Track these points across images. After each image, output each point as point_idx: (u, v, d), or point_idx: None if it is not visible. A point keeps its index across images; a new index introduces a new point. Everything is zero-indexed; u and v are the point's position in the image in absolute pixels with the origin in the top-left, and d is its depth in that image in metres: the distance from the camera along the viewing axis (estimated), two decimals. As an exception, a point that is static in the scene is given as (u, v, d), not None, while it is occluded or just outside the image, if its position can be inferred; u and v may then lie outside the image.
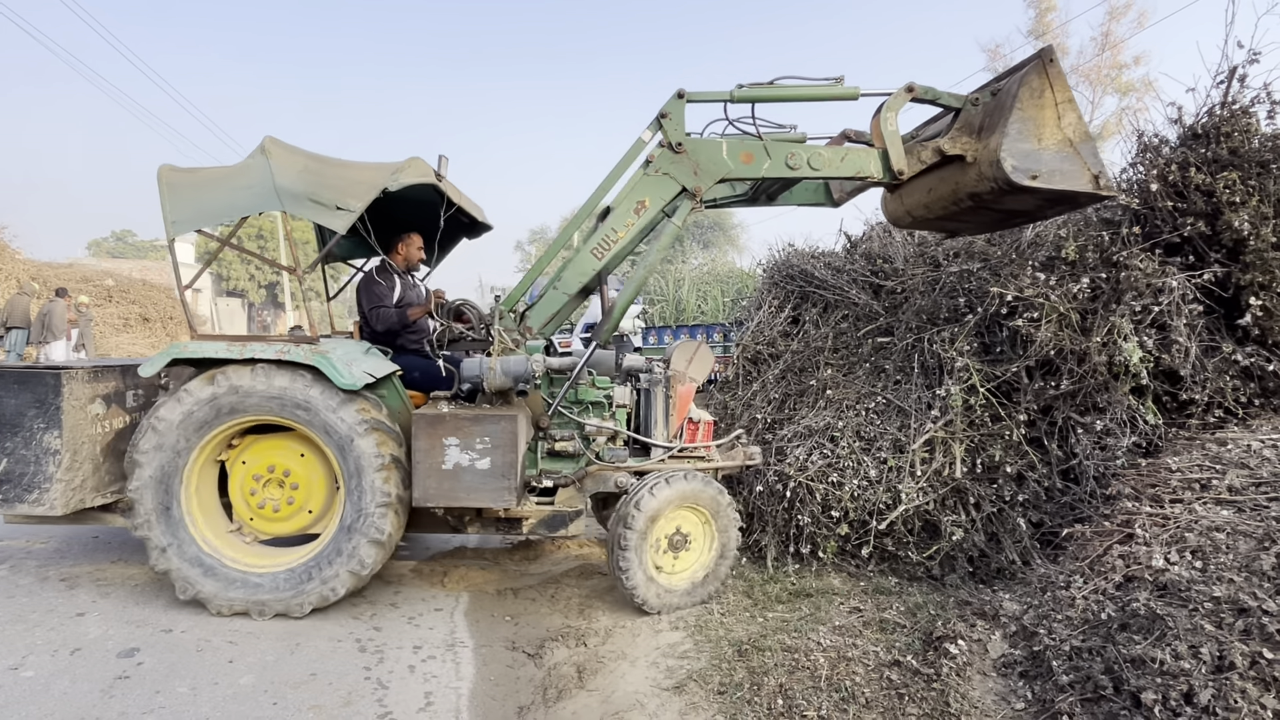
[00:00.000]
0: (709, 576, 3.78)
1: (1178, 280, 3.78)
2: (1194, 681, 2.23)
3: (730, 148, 3.77)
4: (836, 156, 3.72)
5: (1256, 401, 3.80)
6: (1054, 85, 3.39)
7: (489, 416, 3.58)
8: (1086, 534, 3.27)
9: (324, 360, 3.52)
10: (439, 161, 3.99)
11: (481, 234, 5.23)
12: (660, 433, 4.02)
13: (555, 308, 4.05)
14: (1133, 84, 25.44)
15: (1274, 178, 3.73)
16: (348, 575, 3.59)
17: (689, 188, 3.78)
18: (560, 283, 4.03)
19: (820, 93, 3.79)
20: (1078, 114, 3.40)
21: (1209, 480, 3.17)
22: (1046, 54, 3.40)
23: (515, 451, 3.55)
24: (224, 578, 3.58)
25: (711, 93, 3.80)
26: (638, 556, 3.60)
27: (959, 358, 4.27)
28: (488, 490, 3.56)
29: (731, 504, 3.79)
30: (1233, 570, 2.54)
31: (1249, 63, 3.90)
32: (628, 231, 3.85)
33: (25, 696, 2.80)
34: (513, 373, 3.77)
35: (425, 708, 2.87)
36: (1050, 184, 3.36)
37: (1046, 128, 3.38)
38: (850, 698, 2.73)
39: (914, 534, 4.11)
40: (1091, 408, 3.92)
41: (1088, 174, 3.38)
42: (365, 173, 3.76)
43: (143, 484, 3.54)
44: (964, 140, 3.57)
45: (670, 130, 3.75)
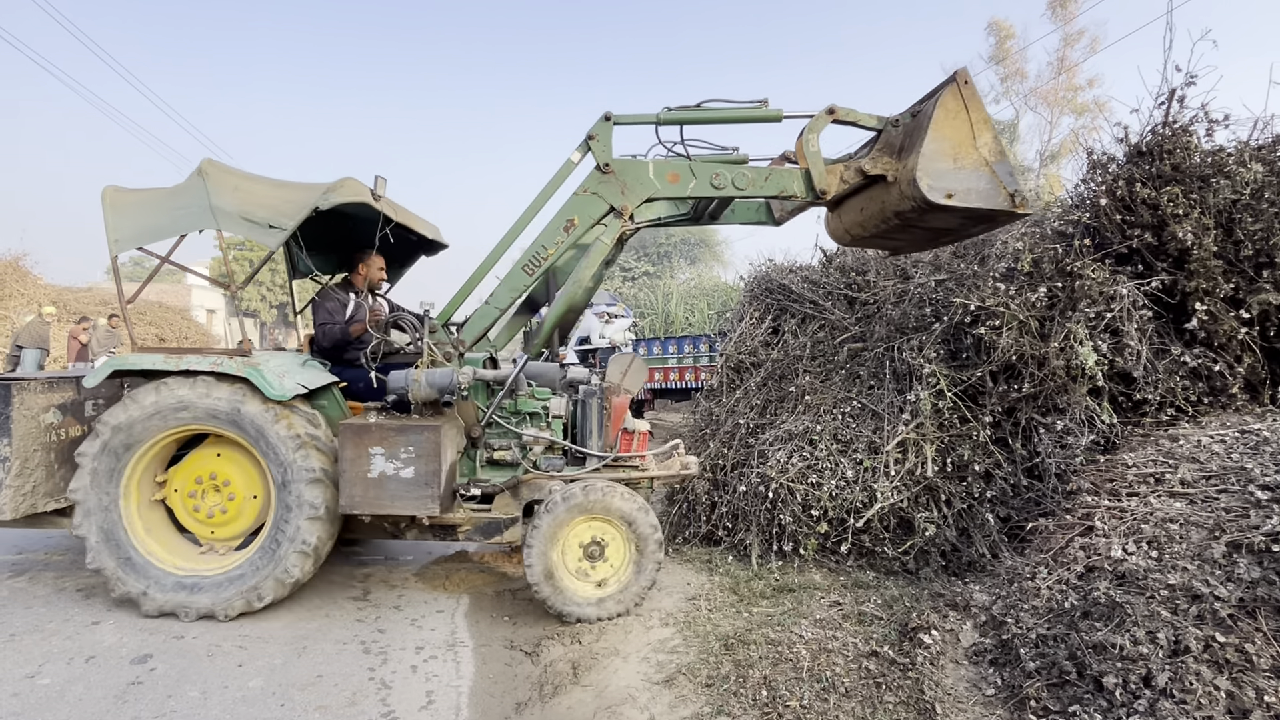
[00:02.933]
0: (627, 587, 3.63)
1: (1128, 288, 3.82)
2: (1152, 665, 2.24)
3: (657, 168, 3.74)
4: (760, 176, 3.68)
5: (1205, 400, 3.83)
6: (969, 105, 3.31)
7: (413, 427, 3.56)
8: (1050, 527, 3.27)
9: (255, 372, 3.52)
10: (375, 182, 3.94)
11: (438, 252, 5.22)
12: (595, 443, 3.98)
13: (487, 322, 3.99)
14: (1087, 105, 25.83)
15: (1214, 191, 3.78)
16: (274, 583, 3.55)
17: (616, 207, 3.75)
18: (493, 298, 3.98)
19: (745, 115, 3.75)
20: (993, 134, 3.33)
21: (1163, 474, 3.19)
22: (961, 75, 3.32)
23: (438, 461, 3.52)
24: (153, 578, 3.56)
25: (639, 115, 3.78)
26: (544, 565, 3.56)
27: (927, 364, 4.29)
28: (411, 498, 3.53)
29: (646, 516, 3.62)
30: (1186, 559, 2.55)
31: (1187, 85, 3.97)
32: (557, 249, 3.80)
33: (42, 703, 2.74)
34: (437, 384, 3.75)
35: (427, 706, 2.83)
36: (966, 202, 3.27)
37: (962, 147, 3.30)
38: (831, 687, 2.72)
39: (890, 530, 4.11)
40: (1052, 409, 3.94)
41: (1004, 192, 3.29)
42: (298, 192, 3.75)
43: (83, 486, 3.54)
44: (885, 160, 3.50)
45: (598, 151, 3.72)
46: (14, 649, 3.19)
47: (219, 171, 3.75)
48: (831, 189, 3.58)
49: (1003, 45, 27.36)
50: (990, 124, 3.32)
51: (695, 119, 3.75)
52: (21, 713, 2.67)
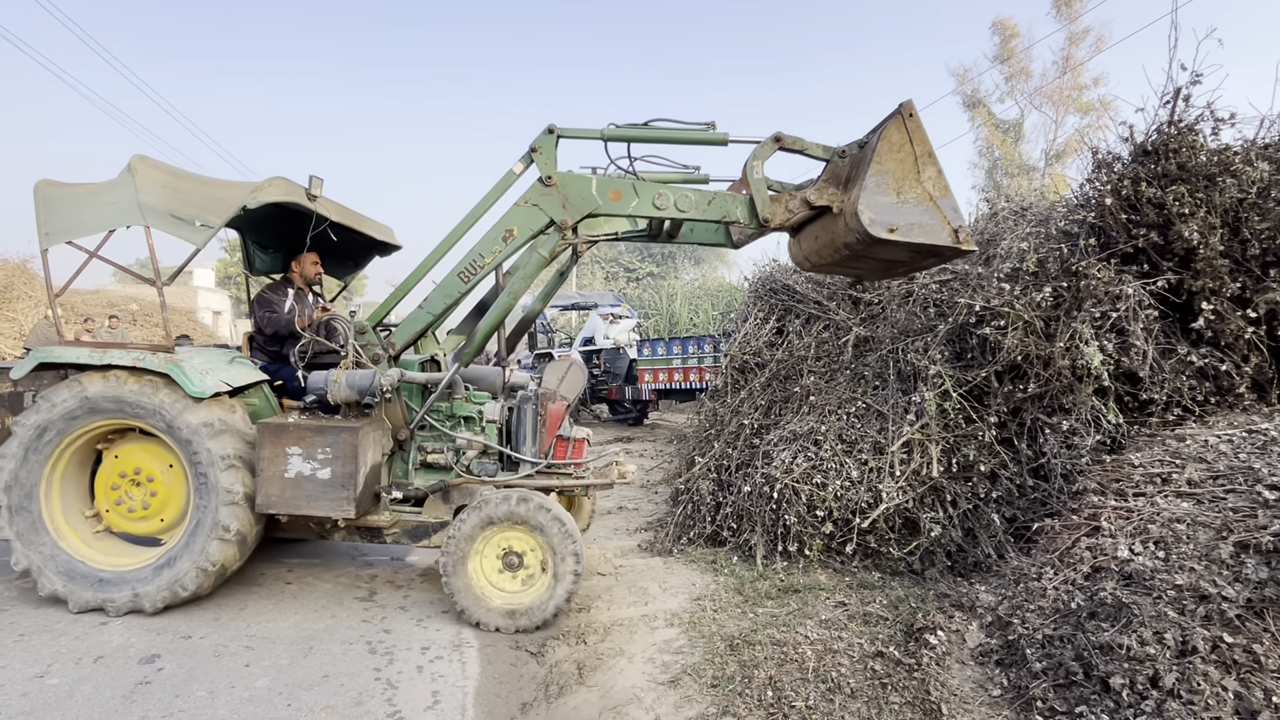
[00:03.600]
0: (543, 601, 3.57)
1: (1133, 287, 3.81)
2: (1159, 666, 2.23)
3: (600, 185, 3.70)
4: (703, 200, 3.64)
5: (1212, 400, 3.81)
6: (914, 139, 3.25)
7: (330, 428, 3.56)
8: (1056, 528, 3.26)
9: (176, 368, 3.55)
10: (310, 181, 3.92)
11: (391, 253, 5.23)
12: (529, 449, 3.97)
13: (420, 326, 3.98)
14: (1092, 104, 25.75)
15: (1220, 190, 3.76)
16: (196, 573, 3.56)
17: (557, 220, 3.73)
18: (426, 303, 3.98)
19: (691, 137, 3.74)
20: (938, 168, 3.26)
21: (1169, 475, 3.18)
22: (906, 108, 3.28)
23: (355, 463, 3.53)
24: (78, 575, 3.59)
25: (583, 130, 3.77)
26: (461, 574, 3.56)
27: (932, 365, 4.28)
28: (327, 499, 3.54)
29: (563, 527, 3.56)
30: (1193, 559, 2.54)
31: (1192, 84, 3.95)
32: (494, 258, 3.80)
33: (50, 703, 2.76)
34: (358, 386, 3.74)
35: (433, 706, 2.84)
36: (909, 237, 3.21)
37: (906, 181, 3.25)
38: (836, 688, 2.71)
39: (895, 531, 4.10)
40: (1058, 409, 3.93)
41: (948, 228, 3.23)
42: (227, 191, 3.76)
43: (4, 485, 3.57)
44: (830, 192, 3.46)
45: (541, 164, 3.70)
46: (23, 649, 3.21)
47: (149, 169, 3.74)
48: (775, 218, 3.55)
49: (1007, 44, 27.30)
50: (935, 158, 3.27)
51: (639, 137, 3.74)
52: (31, 712, 2.69)
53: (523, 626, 3.54)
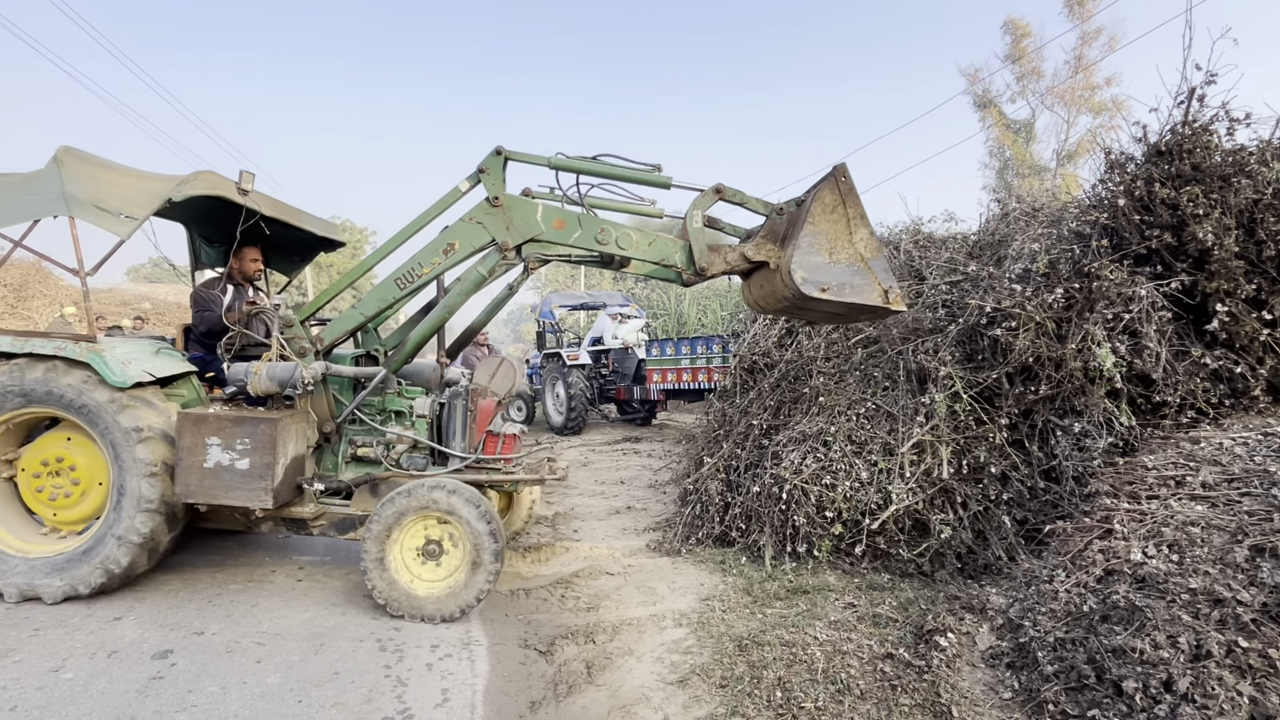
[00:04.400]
0: (465, 585, 3.60)
1: (1147, 289, 3.78)
2: (1173, 670, 2.21)
3: (545, 212, 3.74)
4: (644, 241, 3.67)
5: (1227, 402, 3.78)
6: (846, 201, 3.32)
7: (249, 419, 3.59)
8: (1068, 530, 3.24)
9: (97, 358, 3.58)
10: (241, 176, 3.94)
11: (336, 249, 5.30)
12: (458, 444, 4.00)
13: (350, 326, 4.03)
14: (1105, 104, 25.54)
15: (1235, 191, 3.73)
16: (102, 572, 3.61)
17: (498, 241, 3.77)
18: (360, 304, 4.03)
19: (635, 176, 3.77)
20: (870, 229, 3.35)
21: (1183, 477, 3.15)
22: (839, 170, 3.36)
23: (274, 454, 3.56)
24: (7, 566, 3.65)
25: (531, 155, 3.80)
26: (379, 564, 3.57)
27: (943, 367, 4.26)
28: (245, 490, 3.57)
29: (483, 516, 3.58)
30: (1208, 562, 2.52)
31: (1207, 84, 3.92)
32: (433, 269, 3.84)
33: (65, 697, 2.79)
34: (278, 378, 3.78)
35: (442, 704, 2.85)
36: (840, 297, 3.28)
37: (839, 242, 3.31)
38: (846, 689, 2.71)
39: (905, 532, 4.08)
40: (1069, 411, 3.91)
41: (878, 289, 3.30)
42: (153, 183, 3.77)
43: None
44: (768, 248, 3.52)
45: (489, 185, 3.73)
46: (38, 643, 3.24)
47: (75, 160, 3.75)
48: (713, 269, 3.59)
49: (1019, 44, 27.12)
50: (867, 220, 3.35)
51: (586, 170, 3.78)
52: (46, 705, 2.72)
53: (443, 615, 3.58)
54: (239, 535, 5.11)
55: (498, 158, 3.74)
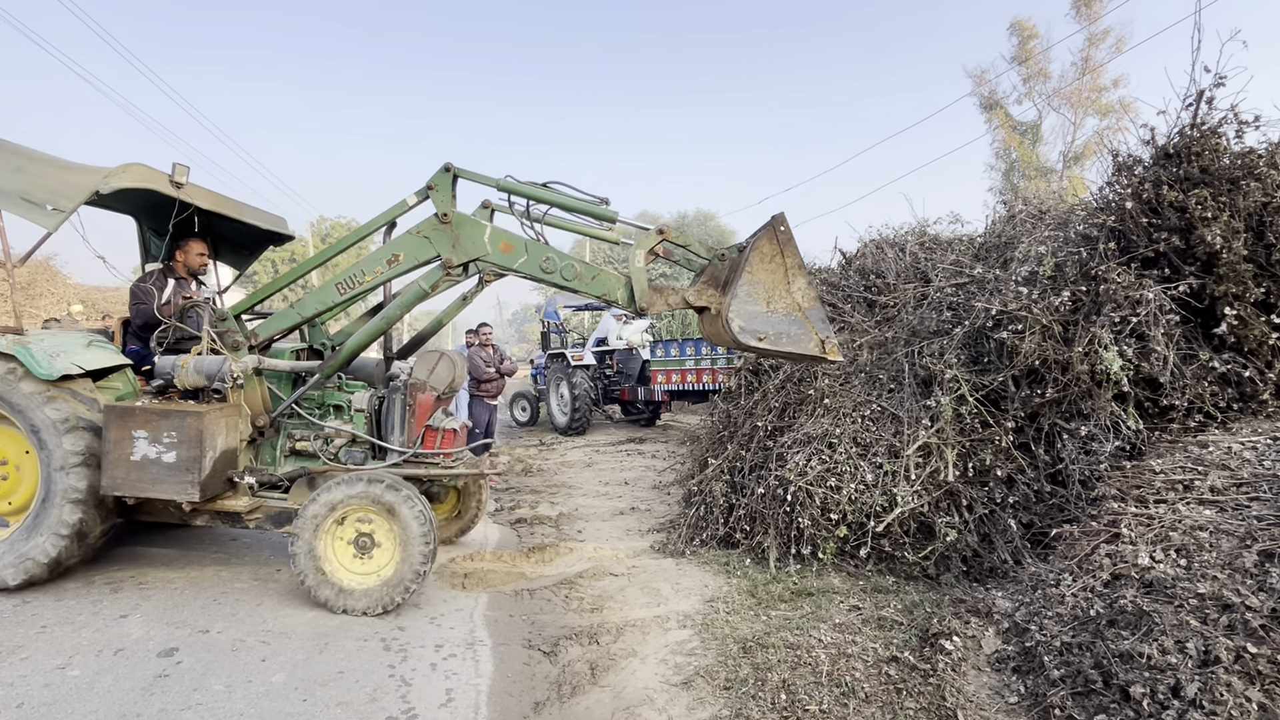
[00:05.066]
0: (394, 579, 3.62)
1: (1154, 292, 3.76)
2: (1181, 675, 2.20)
3: (493, 235, 3.74)
4: (589, 274, 3.69)
5: (1235, 406, 3.76)
6: (784, 250, 3.35)
7: (175, 412, 3.60)
8: (1075, 534, 3.23)
9: (23, 350, 3.62)
10: (174, 169, 3.95)
11: (285, 243, 5.30)
12: (397, 438, 4.02)
13: (287, 324, 4.07)
14: (1112, 106, 25.44)
15: (1243, 194, 3.71)
16: (28, 563, 3.64)
17: (443, 257, 3.78)
18: (299, 304, 4.05)
19: (581, 207, 3.81)
20: (807, 279, 3.38)
21: (1191, 481, 3.13)
22: (777, 220, 3.38)
23: (200, 447, 3.57)
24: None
25: (480, 175, 3.83)
26: (310, 557, 3.60)
27: (948, 369, 4.25)
28: (172, 483, 3.59)
29: (414, 510, 3.59)
30: (1216, 567, 2.51)
31: (1216, 86, 3.89)
32: (375, 278, 3.86)
33: (71, 694, 2.80)
34: (205, 371, 3.80)
35: (446, 703, 2.85)
36: (777, 346, 3.33)
37: (776, 291, 3.34)
38: (850, 692, 2.70)
39: (910, 535, 4.07)
40: (1076, 414, 3.89)
41: (815, 338, 3.35)
42: (81, 175, 3.78)
43: None
44: (709, 293, 3.54)
45: (438, 201, 3.75)
46: (45, 640, 3.26)
47: (1, 151, 3.75)
48: (653, 308, 3.62)
49: (1025, 45, 27.04)
50: (804, 269, 3.39)
51: (534, 195, 3.81)
52: (53, 703, 2.73)
53: (371, 608, 3.60)
54: (244, 535, 5.13)
55: (446, 174, 3.77)
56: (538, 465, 8.83)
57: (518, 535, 5.60)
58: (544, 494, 7.12)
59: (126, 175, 3.72)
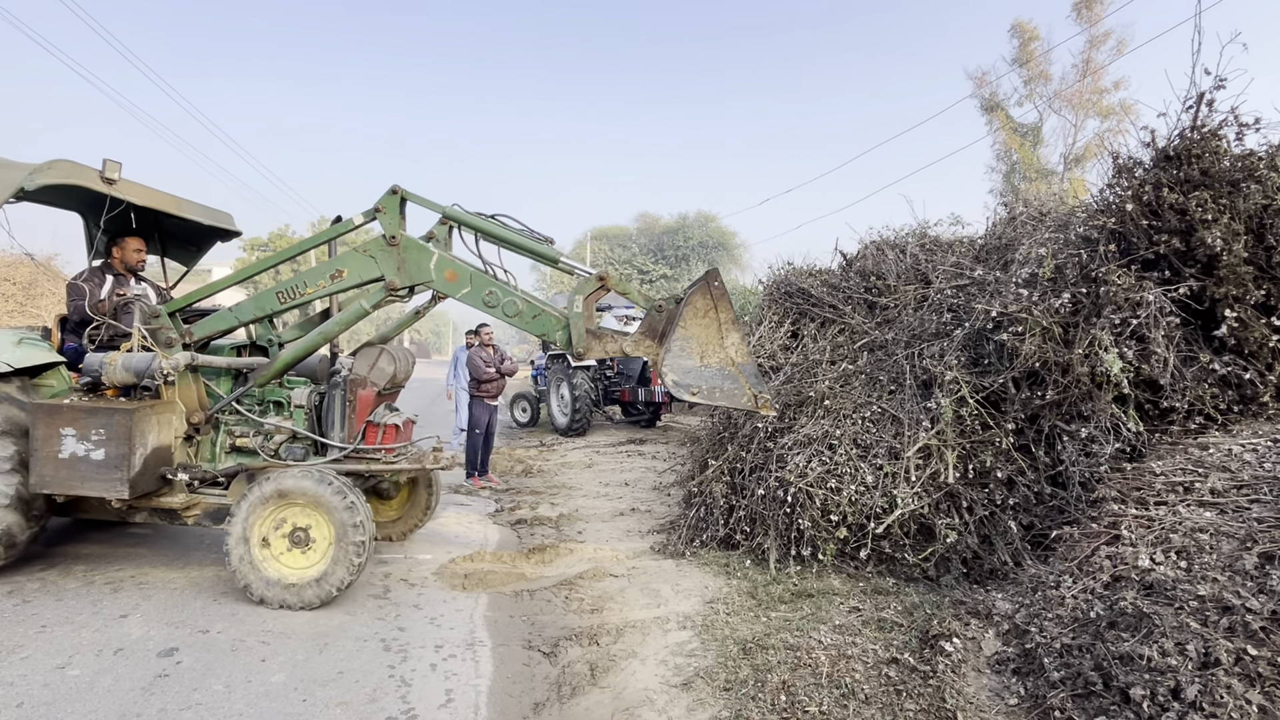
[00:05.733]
0: (328, 573, 3.63)
1: (1154, 294, 3.76)
2: (1181, 677, 2.20)
3: (439, 263, 3.75)
4: (530, 312, 3.71)
5: (1236, 408, 3.76)
6: (718, 305, 3.39)
7: (104, 409, 3.60)
8: (1075, 536, 3.23)
9: None
10: (104, 165, 3.93)
11: (232, 239, 5.28)
12: (337, 434, 4.04)
13: (222, 326, 4.09)
14: (1113, 108, 25.44)
15: (1244, 196, 3.71)
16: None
17: (386, 279, 3.80)
18: (237, 308, 4.07)
19: (524, 244, 3.85)
20: (741, 334, 3.43)
21: (1192, 483, 3.13)
22: (711, 275, 3.43)
23: (129, 444, 3.58)
24: None
25: (427, 200, 3.84)
26: (243, 553, 3.61)
27: (948, 371, 4.25)
28: (101, 480, 3.59)
29: (348, 505, 3.62)
30: (1216, 569, 2.51)
31: (1216, 88, 3.90)
32: (317, 290, 3.87)
33: (71, 694, 2.80)
34: (134, 369, 3.79)
35: (446, 704, 2.85)
36: (710, 400, 3.39)
37: (710, 345, 3.39)
38: (850, 694, 2.70)
39: (910, 537, 4.07)
40: (1076, 416, 3.89)
41: (748, 393, 3.41)
42: (8, 172, 3.77)
43: None
44: (647, 344, 3.59)
45: (385, 224, 3.77)
46: (45, 640, 3.26)
47: None
48: (590, 353, 3.66)
49: (1026, 47, 27.05)
50: (737, 324, 3.44)
51: (479, 227, 3.83)
52: (53, 702, 2.73)
53: (305, 602, 3.62)
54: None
55: (394, 197, 3.79)
56: (538, 466, 8.83)
57: (518, 536, 5.60)
58: (544, 495, 7.12)
59: (53, 172, 3.71)
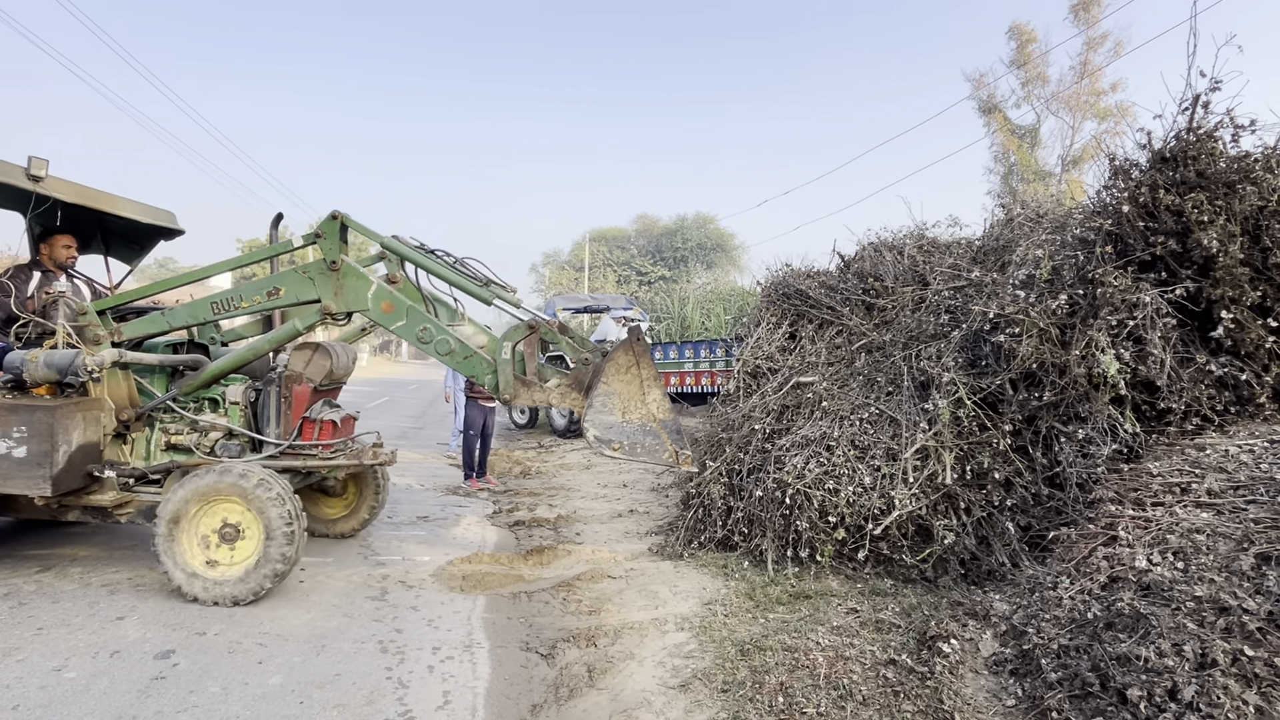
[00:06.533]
0: (257, 569, 3.65)
1: (1151, 295, 3.76)
2: (1178, 678, 2.20)
3: (378, 292, 3.75)
4: (462, 352, 3.73)
5: (1232, 409, 3.76)
6: (640, 362, 3.42)
7: (24, 406, 3.61)
8: (1072, 537, 3.23)
9: None
10: (30, 162, 3.94)
11: (175, 237, 5.25)
12: (273, 430, 4.06)
13: (152, 329, 4.09)
14: (1110, 109, 25.53)
15: (1239, 198, 3.72)
16: None
17: (323, 302, 3.80)
18: (170, 314, 4.07)
19: (458, 282, 3.88)
20: (662, 390, 3.45)
21: (1189, 484, 3.14)
22: (634, 333, 3.44)
23: (53, 441, 3.58)
24: None
25: (366, 229, 3.85)
26: (171, 550, 3.63)
27: (946, 372, 4.25)
28: (23, 478, 3.59)
29: (276, 500, 3.63)
30: (1213, 570, 2.51)
31: (1211, 91, 3.91)
32: (252, 305, 3.89)
33: (67, 696, 2.79)
34: (56, 365, 3.79)
35: (443, 706, 2.85)
36: (631, 456, 3.43)
37: (632, 402, 3.43)
38: (848, 695, 2.70)
39: (908, 538, 4.07)
40: (1073, 417, 3.89)
41: (669, 449, 3.45)
42: None
43: None
44: (572, 396, 3.63)
45: (325, 249, 3.76)
46: (41, 642, 3.25)
47: None
48: (517, 400, 3.69)
49: (1024, 49, 27.13)
50: (659, 380, 3.48)
51: (417, 261, 3.87)
52: (49, 705, 2.72)
53: (236, 597, 3.64)
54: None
55: (334, 223, 3.79)
56: (536, 468, 8.83)
57: (516, 538, 5.59)
58: (542, 496, 7.12)
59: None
